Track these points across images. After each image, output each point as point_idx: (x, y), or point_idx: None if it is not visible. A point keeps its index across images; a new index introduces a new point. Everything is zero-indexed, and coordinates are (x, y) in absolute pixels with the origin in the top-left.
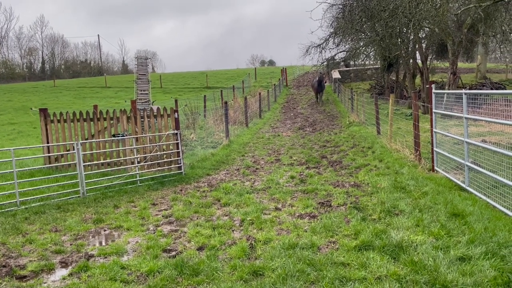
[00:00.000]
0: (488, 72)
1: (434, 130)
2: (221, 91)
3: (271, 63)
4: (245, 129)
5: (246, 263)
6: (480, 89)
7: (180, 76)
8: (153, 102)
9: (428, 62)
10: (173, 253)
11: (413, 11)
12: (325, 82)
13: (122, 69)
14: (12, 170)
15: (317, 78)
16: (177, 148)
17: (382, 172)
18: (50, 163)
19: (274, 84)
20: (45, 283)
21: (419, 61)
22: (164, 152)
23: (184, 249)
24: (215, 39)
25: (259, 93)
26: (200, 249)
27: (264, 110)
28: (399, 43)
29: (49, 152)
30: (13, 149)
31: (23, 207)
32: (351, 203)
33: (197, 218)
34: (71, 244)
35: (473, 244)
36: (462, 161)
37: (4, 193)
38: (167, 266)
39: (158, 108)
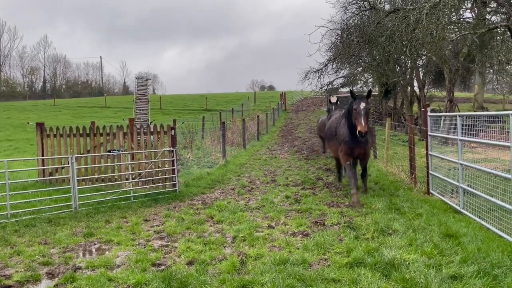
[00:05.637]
0: (485, 102)
1: (429, 152)
2: (220, 113)
3: (271, 88)
4: (243, 151)
5: (235, 277)
6: (477, 119)
7: (180, 98)
8: (152, 122)
9: (425, 90)
10: (162, 267)
11: (409, 36)
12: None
13: (123, 90)
14: (4, 182)
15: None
16: (173, 166)
17: (377, 194)
18: (44, 176)
19: (273, 108)
20: None
21: (416, 88)
22: (159, 169)
23: (174, 263)
24: (216, 63)
25: (258, 116)
26: (189, 263)
27: (262, 133)
28: (396, 69)
29: (43, 166)
30: (7, 161)
31: (14, 219)
32: (344, 223)
33: (189, 234)
34: (59, 257)
35: (466, 263)
36: (457, 184)
37: None
38: (155, 278)
39: (155, 126)
